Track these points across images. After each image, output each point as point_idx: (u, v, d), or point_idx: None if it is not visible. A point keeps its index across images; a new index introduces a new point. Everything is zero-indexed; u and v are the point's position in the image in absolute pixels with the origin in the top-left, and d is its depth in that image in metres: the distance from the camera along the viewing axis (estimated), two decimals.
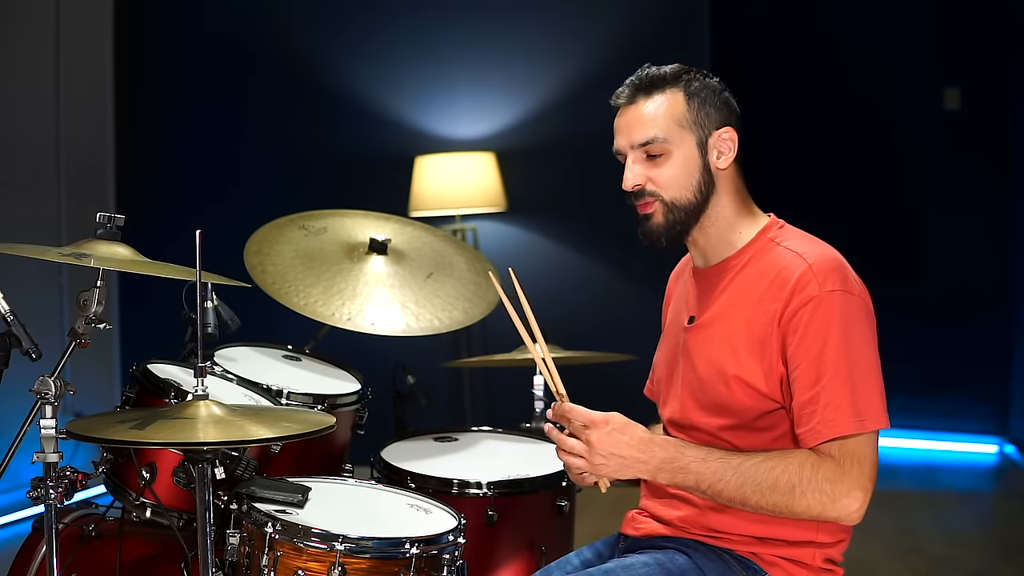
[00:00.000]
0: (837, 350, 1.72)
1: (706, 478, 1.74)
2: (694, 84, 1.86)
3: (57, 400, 1.77)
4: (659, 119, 1.84)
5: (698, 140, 1.85)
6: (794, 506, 1.71)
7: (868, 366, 1.74)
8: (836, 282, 1.76)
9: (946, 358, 5.84)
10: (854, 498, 1.69)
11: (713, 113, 1.86)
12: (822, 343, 1.72)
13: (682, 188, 1.84)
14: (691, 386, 1.89)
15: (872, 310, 1.80)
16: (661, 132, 1.84)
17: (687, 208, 1.85)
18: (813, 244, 1.84)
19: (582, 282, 5.09)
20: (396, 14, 5.25)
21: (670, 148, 1.84)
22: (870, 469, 1.70)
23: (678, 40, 5.03)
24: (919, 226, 5.98)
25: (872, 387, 1.73)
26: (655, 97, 1.85)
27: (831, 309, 1.74)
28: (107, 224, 1.90)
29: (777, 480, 1.71)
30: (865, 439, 1.71)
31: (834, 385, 1.71)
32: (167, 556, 2.18)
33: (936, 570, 3.95)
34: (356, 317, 2.53)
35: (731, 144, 1.87)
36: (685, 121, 1.85)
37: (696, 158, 1.85)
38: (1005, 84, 5.73)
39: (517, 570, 2.31)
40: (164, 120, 5.52)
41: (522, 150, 5.12)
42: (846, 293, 1.75)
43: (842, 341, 1.72)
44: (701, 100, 1.85)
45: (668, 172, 1.84)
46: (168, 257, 2.01)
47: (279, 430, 1.72)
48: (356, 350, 2.75)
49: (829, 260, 1.79)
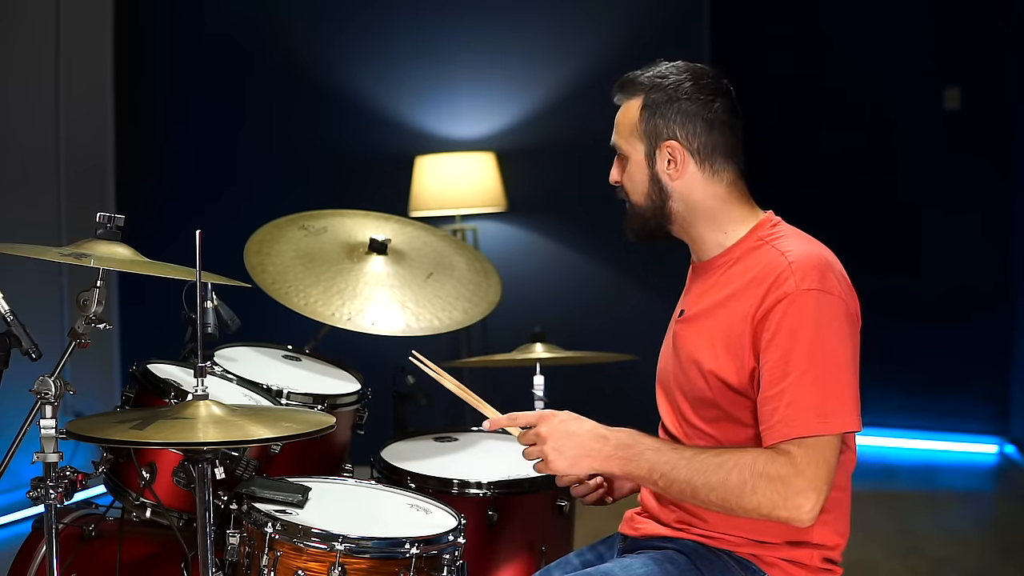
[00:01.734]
0: (807, 349, 1.70)
1: (658, 468, 1.74)
2: (654, 94, 1.86)
3: (57, 400, 1.77)
4: (620, 126, 1.92)
5: (646, 151, 1.88)
6: (744, 502, 1.68)
7: (839, 367, 1.71)
8: (814, 281, 1.74)
9: (946, 358, 5.83)
10: (806, 498, 1.65)
11: (660, 124, 1.86)
12: (792, 341, 1.71)
13: (639, 194, 1.91)
14: (678, 379, 1.90)
15: (855, 313, 1.78)
16: (621, 139, 1.92)
17: (643, 212, 1.91)
18: (801, 242, 1.83)
19: (582, 282, 5.09)
20: (396, 14, 5.25)
21: (628, 154, 1.91)
22: (827, 472, 1.67)
23: (678, 40, 5.03)
24: (919, 226, 5.98)
25: (842, 388, 1.70)
26: (625, 103, 1.92)
27: (805, 307, 1.72)
28: (107, 224, 1.90)
29: (728, 475, 1.69)
30: (826, 441, 1.68)
31: (800, 384, 1.69)
32: (167, 556, 2.18)
33: (936, 570, 3.95)
34: (356, 317, 2.53)
35: (677, 156, 1.86)
36: (636, 131, 1.88)
37: (644, 168, 1.89)
38: (1005, 84, 5.73)
39: (517, 570, 2.31)
40: (164, 120, 5.52)
41: (522, 150, 5.12)
42: (823, 292, 1.73)
43: (813, 340, 1.71)
44: (652, 111, 1.86)
45: (628, 175, 1.92)
46: (168, 257, 2.01)
47: (279, 430, 1.72)
48: (356, 350, 2.75)
49: (811, 258, 1.77)
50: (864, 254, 6.01)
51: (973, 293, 5.84)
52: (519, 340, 2.92)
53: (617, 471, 1.79)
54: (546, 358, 2.74)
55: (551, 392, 2.73)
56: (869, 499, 4.69)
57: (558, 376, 2.81)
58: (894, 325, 5.73)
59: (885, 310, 5.84)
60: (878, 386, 5.83)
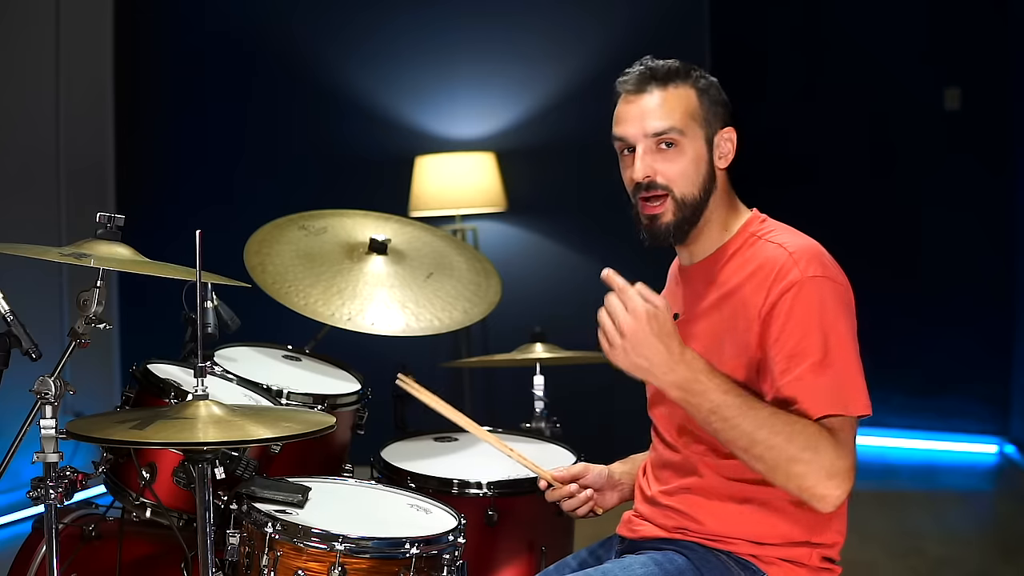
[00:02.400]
0: (820, 334, 1.70)
1: (721, 410, 1.65)
2: (702, 81, 1.87)
3: (57, 400, 1.77)
4: (676, 111, 1.83)
5: (706, 137, 1.85)
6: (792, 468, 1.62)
7: (850, 352, 1.72)
8: (817, 268, 1.75)
9: (946, 358, 5.84)
10: (845, 479, 1.63)
11: (720, 112, 1.87)
12: (805, 327, 1.71)
13: (691, 184, 1.84)
14: None
15: (853, 300, 1.78)
16: (678, 123, 1.83)
17: (693, 205, 1.85)
18: (793, 235, 1.84)
19: (582, 282, 5.08)
20: (396, 14, 5.25)
21: (684, 141, 1.83)
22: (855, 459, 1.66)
23: (678, 40, 5.03)
24: (919, 226, 5.98)
25: (854, 374, 1.71)
26: (669, 89, 1.84)
27: (813, 293, 1.73)
28: (107, 224, 1.90)
29: (793, 436, 1.63)
30: (849, 424, 1.67)
31: (817, 370, 1.68)
32: (167, 556, 2.18)
33: (936, 570, 3.95)
34: (356, 317, 2.53)
35: (731, 145, 1.88)
36: (698, 116, 1.84)
37: (704, 155, 1.85)
38: (1005, 84, 5.73)
39: (517, 570, 2.31)
40: (164, 120, 5.52)
41: (522, 150, 5.12)
42: (828, 279, 1.74)
43: (824, 325, 1.71)
44: (710, 98, 1.86)
45: (678, 166, 1.83)
46: (168, 257, 2.01)
47: (279, 430, 1.72)
48: (356, 350, 2.75)
49: (809, 248, 1.79)
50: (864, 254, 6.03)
51: (973, 293, 5.84)
52: (519, 340, 2.92)
53: (675, 397, 1.69)
54: (546, 358, 2.74)
55: (551, 392, 2.73)
56: (869, 499, 4.69)
57: (558, 376, 2.81)
58: (894, 325, 5.73)
59: (885, 310, 5.85)
60: (879, 386, 5.82)
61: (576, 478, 2.04)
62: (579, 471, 2.05)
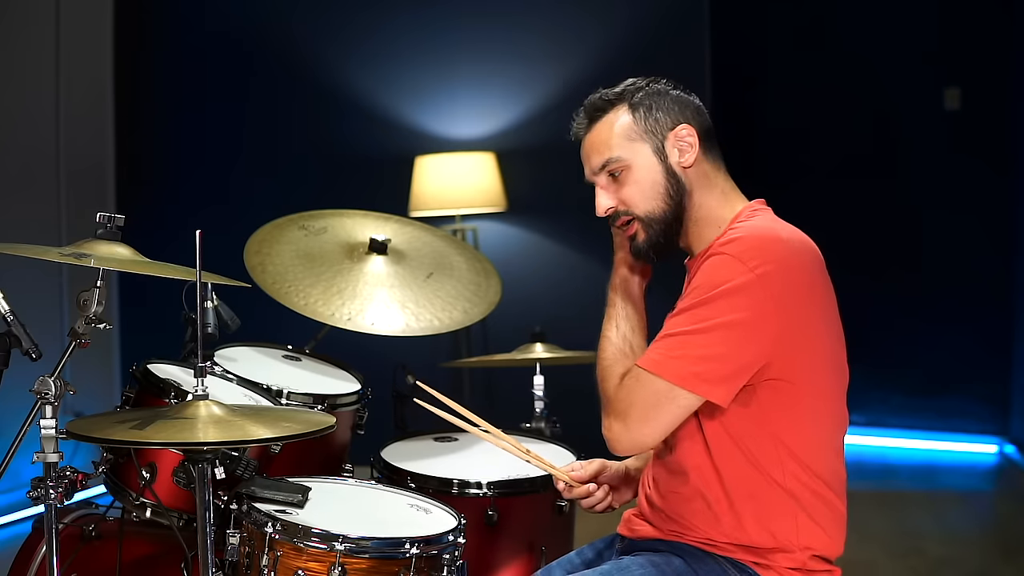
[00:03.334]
0: (697, 306, 1.73)
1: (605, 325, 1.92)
2: (636, 96, 1.87)
3: (57, 400, 1.77)
4: (610, 139, 1.86)
5: (653, 147, 1.85)
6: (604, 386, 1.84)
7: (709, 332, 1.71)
8: (735, 248, 1.74)
9: (946, 358, 5.83)
10: (611, 422, 1.79)
11: (662, 117, 1.86)
12: (695, 297, 1.74)
13: (650, 199, 1.85)
14: None
15: (776, 296, 1.70)
16: (614, 151, 1.86)
17: (663, 218, 1.85)
18: (764, 222, 1.82)
19: (582, 282, 5.08)
20: (396, 14, 5.25)
21: (627, 164, 1.85)
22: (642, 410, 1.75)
23: (678, 40, 5.03)
24: (919, 226, 5.98)
25: (709, 351, 1.70)
26: (600, 121, 1.88)
27: (712, 266, 1.75)
28: (107, 224, 1.90)
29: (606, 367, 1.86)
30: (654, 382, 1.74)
31: (673, 334, 1.75)
32: (167, 556, 2.18)
33: (936, 570, 3.95)
34: (356, 317, 2.53)
35: (690, 140, 1.85)
36: (634, 133, 1.85)
37: (656, 165, 1.85)
38: (1005, 84, 5.73)
39: (517, 570, 2.31)
40: (164, 120, 5.52)
41: (522, 150, 5.12)
42: (738, 261, 1.72)
43: (706, 300, 1.72)
44: (646, 108, 1.86)
45: (631, 189, 1.86)
46: (168, 257, 2.01)
47: (279, 430, 1.72)
48: (356, 350, 2.75)
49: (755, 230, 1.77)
50: (864, 254, 6.04)
51: (973, 293, 5.84)
52: (519, 340, 2.92)
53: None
54: (546, 358, 2.74)
55: (551, 392, 2.73)
56: (869, 499, 4.70)
57: (558, 376, 2.81)
58: (894, 325, 5.74)
59: (885, 310, 5.86)
60: (878, 386, 5.85)
61: (595, 476, 2.04)
62: (597, 469, 2.05)
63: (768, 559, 1.81)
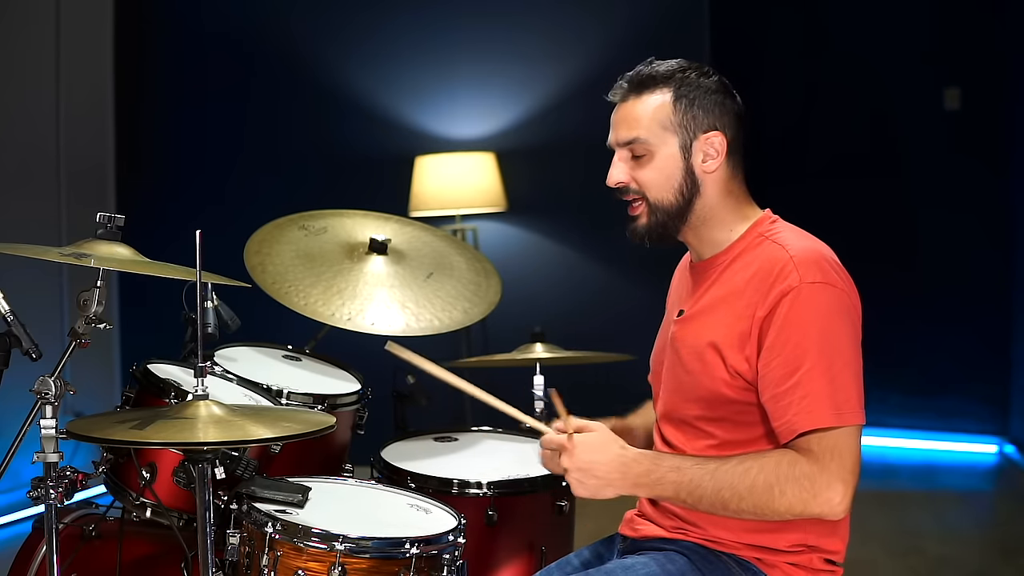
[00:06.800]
0: (816, 342, 1.70)
1: (683, 487, 1.72)
2: (685, 85, 1.85)
3: (57, 400, 1.77)
4: (643, 120, 1.84)
5: (681, 143, 1.84)
6: (775, 505, 1.68)
7: (847, 360, 1.72)
8: (816, 274, 1.74)
9: (946, 358, 5.84)
10: (835, 491, 1.66)
11: (701, 116, 1.84)
12: (801, 334, 1.71)
13: (663, 190, 1.85)
14: (678, 378, 1.89)
15: (857, 306, 1.78)
16: (644, 133, 1.84)
17: (669, 210, 1.85)
18: (800, 237, 1.84)
19: (582, 282, 5.09)
20: (396, 14, 5.25)
21: (652, 149, 1.84)
22: (852, 463, 1.68)
23: (678, 40, 5.03)
24: (919, 226, 5.98)
25: (849, 381, 1.71)
26: (644, 97, 1.85)
27: (810, 300, 1.73)
28: (107, 224, 1.90)
29: (755, 481, 1.68)
30: (845, 432, 1.68)
31: (811, 377, 1.69)
32: (167, 556, 2.18)
33: (936, 570, 3.95)
34: (356, 317, 2.53)
35: (718, 149, 1.85)
36: (669, 123, 1.84)
37: (678, 161, 1.84)
38: (1005, 84, 5.73)
39: (517, 570, 2.31)
40: (164, 120, 5.52)
41: (522, 150, 5.12)
42: (827, 285, 1.74)
43: (821, 333, 1.71)
44: (689, 102, 1.84)
45: (649, 173, 1.85)
46: (168, 257, 2.01)
47: (279, 430, 1.72)
48: (356, 350, 2.75)
49: (812, 252, 1.78)
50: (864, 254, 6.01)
51: (973, 293, 5.84)
52: (519, 340, 2.91)
53: (643, 495, 1.77)
54: (546, 358, 2.74)
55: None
56: (869, 499, 4.68)
57: (558, 376, 2.81)
58: (894, 325, 5.73)
59: (885, 310, 5.84)
60: (878, 386, 5.83)
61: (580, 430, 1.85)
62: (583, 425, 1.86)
63: (774, 558, 1.81)
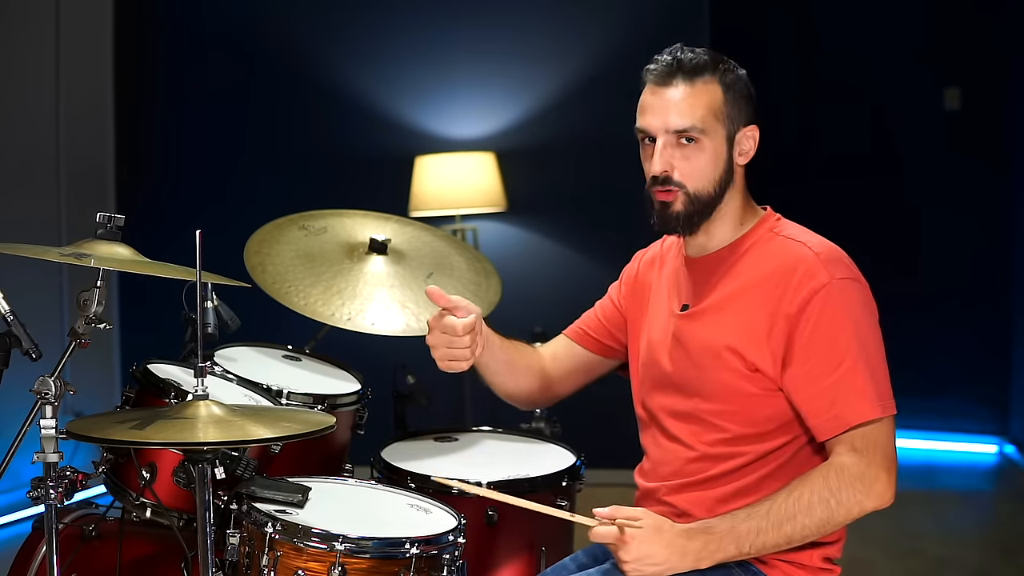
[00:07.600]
0: (855, 337, 1.73)
1: (745, 542, 1.72)
2: (730, 76, 1.85)
3: (57, 400, 1.77)
4: (699, 108, 1.82)
5: (728, 135, 1.85)
6: (836, 517, 1.71)
7: (880, 353, 1.76)
8: (844, 270, 1.77)
9: (946, 358, 5.83)
10: (882, 482, 1.72)
11: (743, 107, 1.86)
12: (839, 330, 1.73)
13: (706, 180, 1.84)
14: (683, 372, 1.89)
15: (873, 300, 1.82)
16: (699, 122, 1.82)
17: (706, 200, 1.84)
18: (812, 234, 1.86)
19: (582, 282, 5.08)
20: (396, 14, 5.25)
21: (704, 139, 1.82)
22: (892, 452, 1.75)
23: (678, 40, 4.95)
24: (919, 226, 5.98)
25: (885, 374, 1.76)
26: (696, 84, 1.83)
27: (843, 296, 1.75)
28: (107, 224, 1.90)
29: (810, 503, 1.70)
30: (886, 424, 1.75)
31: (855, 372, 1.72)
32: (167, 556, 2.18)
33: (936, 570, 3.95)
34: (356, 317, 2.53)
35: (754, 142, 1.87)
36: (720, 113, 1.83)
37: (724, 152, 1.84)
38: (1005, 84, 5.73)
39: (517, 570, 2.31)
40: (164, 120, 5.52)
41: (522, 150, 5.12)
42: (855, 280, 1.78)
43: (857, 328, 1.74)
44: (735, 94, 1.85)
45: (696, 163, 1.83)
46: (168, 257, 2.01)
47: (279, 430, 1.72)
48: (356, 350, 2.75)
49: (834, 249, 1.81)
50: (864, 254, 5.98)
51: (972, 293, 5.84)
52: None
53: (709, 566, 1.74)
54: None
55: None
56: None
57: None
58: (893, 325, 5.70)
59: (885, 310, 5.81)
60: None
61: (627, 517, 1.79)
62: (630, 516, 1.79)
63: (772, 556, 1.81)
